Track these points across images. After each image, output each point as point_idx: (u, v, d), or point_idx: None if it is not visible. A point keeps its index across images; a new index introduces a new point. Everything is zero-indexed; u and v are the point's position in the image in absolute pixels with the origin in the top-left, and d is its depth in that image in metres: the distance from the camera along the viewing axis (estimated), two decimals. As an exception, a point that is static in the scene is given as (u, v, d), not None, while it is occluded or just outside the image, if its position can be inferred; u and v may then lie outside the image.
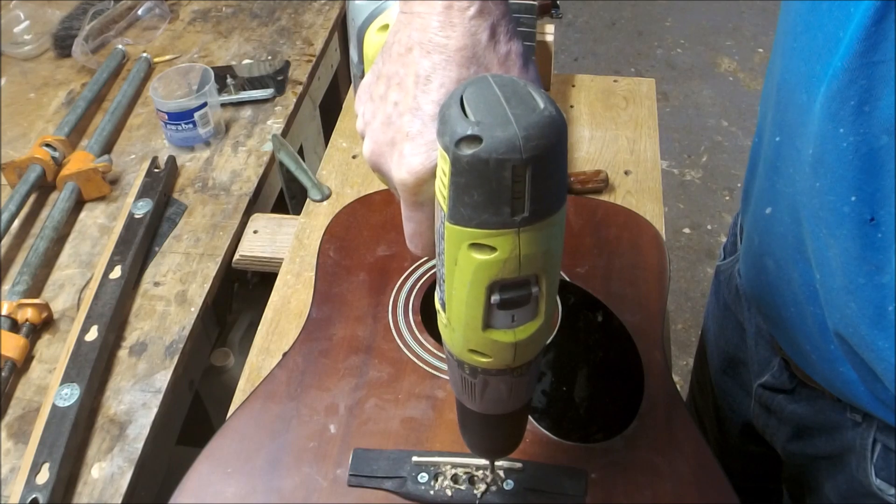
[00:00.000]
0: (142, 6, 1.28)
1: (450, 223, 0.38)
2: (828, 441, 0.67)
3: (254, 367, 0.77)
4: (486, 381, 0.45)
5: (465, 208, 0.37)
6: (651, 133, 1.01)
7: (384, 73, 0.45)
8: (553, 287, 0.41)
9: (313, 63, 1.19)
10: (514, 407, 0.48)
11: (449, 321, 0.43)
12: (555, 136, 0.36)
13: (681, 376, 1.82)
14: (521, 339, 0.42)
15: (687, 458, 0.60)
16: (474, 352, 0.43)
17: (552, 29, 1.02)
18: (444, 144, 0.37)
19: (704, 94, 2.60)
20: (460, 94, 0.37)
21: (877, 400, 0.58)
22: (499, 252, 0.38)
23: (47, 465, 0.69)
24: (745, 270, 0.72)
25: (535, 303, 0.41)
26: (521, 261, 0.38)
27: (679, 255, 2.10)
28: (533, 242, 0.38)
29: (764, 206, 0.63)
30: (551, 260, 0.40)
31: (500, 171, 0.35)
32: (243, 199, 0.97)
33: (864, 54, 0.46)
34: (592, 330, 0.70)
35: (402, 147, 0.43)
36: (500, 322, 0.41)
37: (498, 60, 0.43)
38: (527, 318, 0.41)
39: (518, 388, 0.46)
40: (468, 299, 0.40)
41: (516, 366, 0.44)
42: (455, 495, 0.58)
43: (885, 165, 0.48)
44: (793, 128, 0.56)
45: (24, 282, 0.86)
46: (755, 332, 0.74)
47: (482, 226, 0.37)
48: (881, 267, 0.51)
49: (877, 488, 0.62)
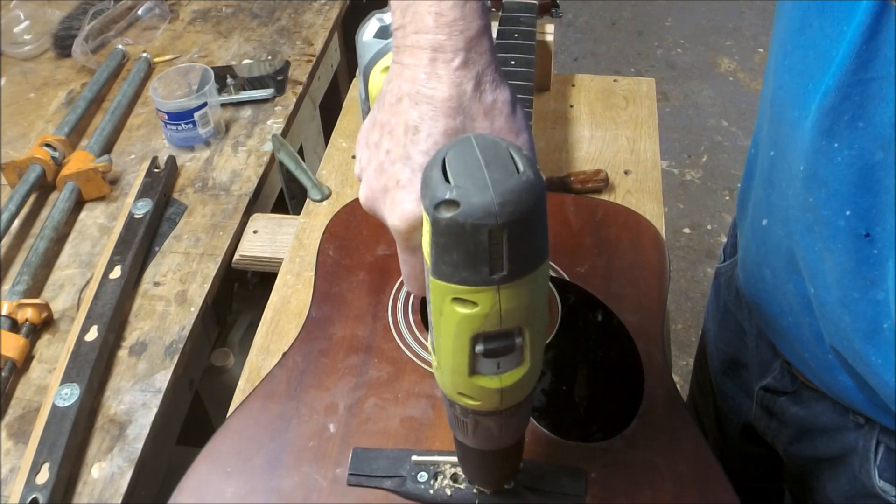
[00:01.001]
0: (142, 6, 1.28)
1: (433, 278, 0.39)
2: (830, 443, 0.67)
3: (254, 367, 0.77)
4: (476, 421, 0.46)
5: (446, 266, 0.38)
6: (651, 133, 1.01)
7: (378, 121, 0.47)
8: (538, 336, 0.43)
9: (313, 63, 1.19)
10: (506, 443, 0.50)
11: (438, 364, 0.44)
12: (532, 201, 0.37)
13: (681, 376, 1.82)
14: (507, 384, 0.43)
15: (687, 457, 0.60)
16: (463, 395, 0.44)
17: (552, 29, 1.02)
18: (425, 206, 0.38)
19: (704, 94, 2.60)
20: (443, 157, 0.38)
21: (876, 406, 0.58)
22: (480, 307, 0.39)
23: (47, 465, 0.69)
24: (743, 277, 0.72)
25: (519, 351, 0.42)
26: (502, 315, 0.39)
27: (679, 255, 2.10)
28: (514, 298, 0.39)
29: (760, 218, 0.64)
30: (534, 312, 0.41)
31: (476, 234, 0.36)
32: (243, 199, 0.98)
33: (857, 72, 0.46)
34: (592, 329, 0.70)
35: (394, 194, 0.45)
36: (486, 369, 0.42)
37: (483, 110, 0.45)
38: (512, 365, 0.42)
39: (508, 426, 0.47)
40: (454, 348, 0.41)
41: (504, 408, 0.45)
42: (454, 494, 0.58)
43: (881, 181, 0.48)
44: (785, 143, 0.56)
45: (24, 282, 0.86)
46: (756, 335, 0.74)
47: (463, 282, 0.38)
48: (876, 282, 0.51)
49: (880, 489, 0.62)
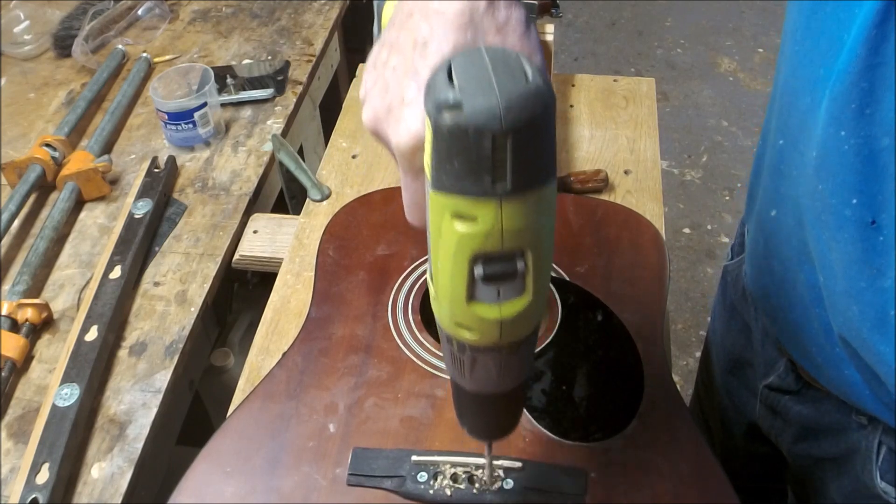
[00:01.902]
0: (142, 6, 1.28)
1: (433, 190, 0.38)
2: (833, 443, 0.67)
3: (254, 367, 0.77)
4: (474, 359, 0.44)
5: (447, 176, 0.37)
6: (651, 133, 1.01)
7: (387, 41, 0.45)
8: (542, 265, 0.40)
9: (313, 63, 1.19)
10: (506, 387, 0.47)
11: (436, 294, 0.42)
12: (539, 108, 0.35)
13: (681, 376, 1.82)
14: (507, 315, 0.41)
15: (687, 457, 0.60)
16: (461, 326, 0.42)
17: (552, 29, 1.02)
18: (428, 110, 0.36)
19: (704, 94, 2.60)
20: (449, 63, 0.37)
21: (881, 403, 0.58)
22: (480, 223, 0.37)
23: (47, 465, 0.69)
24: (750, 272, 0.72)
25: (521, 280, 0.40)
26: (504, 234, 0.37)
27: (679, 255, 2.10)
28: (516, 215, 0.37)
29: (769, 209, 0.63)
30: (538, 237, 0.39)
31: (479, 139, 0.35)
32: (243, 199, 0.98)
33: (867, 57, 0.46)
34: (592, 329, 0.70)
35: (399, 112, 0.43)
36: (486, 296, 0.40)
37: (496, 26, 0.43)
38: (513, 294, 0.40)
39: (508, 366, 0.45)
40: (452, 271, 0.39)
41: (504, 343, 0.43)
42: (454, 494, 0.58)
43: (887, 168, 0.47)
44: (796, 131, 0.55)
45: (24, 282, 0.86)
46: (762, 333, 0.74)
47: (463, 193, 0.36)
48: (883, 271, 0.50)
49: (881, 490, 0.62)
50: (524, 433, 0.62)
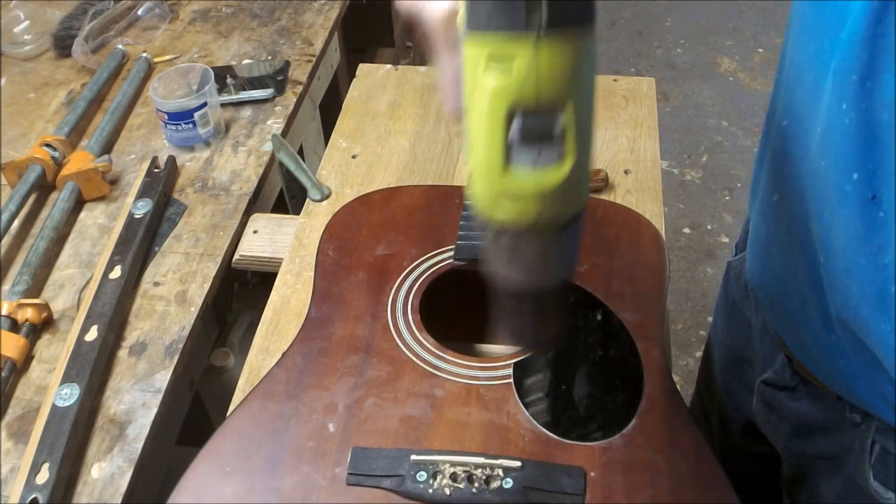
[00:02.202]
0: (142, 6, 1.28)
1: (467, 35, 0.37)
2: (827, 441, 0.67)
3: (253, 367, 0.77)
4: (512, 245, 0.42)
5: (480, 13, 0.35)
6: (651, 132, 1.01)
7: None
8: (583, 124, 0.38)
9: (313, 63, 1.19)
10: (547, 281, 0.45)
11: (472, 171, 0.40)
12: None
13: (681, 376, 1.82)
14: (545, 186, 0.38)
15: (686, 457, 0.60)
16: (497, 201, 0.40)
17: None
18: None
19: (704, 94, 2.60)
20: None
21: (876, 395, 0.58)
22: (515, 71, 0.35)
23: (47, 465, 0.69)
24: (751, 262, 0.72)
25: (560, 142, 0.38)
26: (540, 82, 0.36)
27: (679, 255, 2.10)
28: (553, 58, 0.35)
29: (771, 194, 0.63)
30: (577, 88, 0.37)
31: None
32: (243, 199, 0.98)
33: (869, 27, 0.45)
34: (592, 329, 0.70)
35: None
36: (523, 158, 0.38)
37: None
38: (553, 158, 0.38)
39: (548, 256, 0.43)
40: (488, 130, 0.37)
41: (542, 222, 0.40)
42: (454, 494, 0.58)
43: (887, 142, 0.47)
44: (801, 108, 0.55)
45: (24, 282, 0.86)
46: (761, 328, 0.74)
47: (498, 28, 0.35)
48: (883, 247, 0.50)
49: (874, 491, 0.62)
50: (523, 432, 0.62)
